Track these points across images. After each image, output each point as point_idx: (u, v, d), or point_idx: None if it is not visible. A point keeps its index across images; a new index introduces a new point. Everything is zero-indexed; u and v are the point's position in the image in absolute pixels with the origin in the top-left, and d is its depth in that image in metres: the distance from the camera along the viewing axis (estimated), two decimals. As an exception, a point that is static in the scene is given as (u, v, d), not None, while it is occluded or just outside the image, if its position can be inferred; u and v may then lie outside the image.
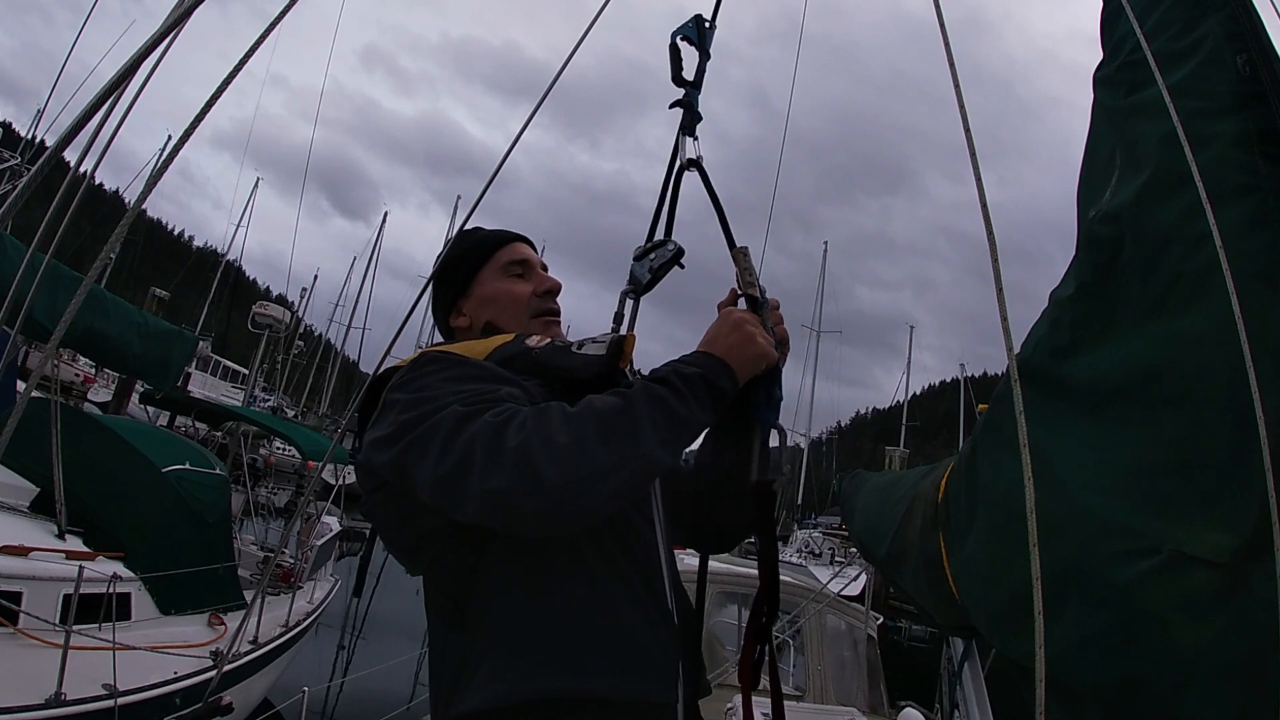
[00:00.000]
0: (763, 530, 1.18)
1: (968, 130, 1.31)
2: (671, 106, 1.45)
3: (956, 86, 1.33)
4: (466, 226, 2.59)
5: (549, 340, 1.20)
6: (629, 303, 1.39)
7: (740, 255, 1.26)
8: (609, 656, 1.00)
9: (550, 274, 1.44)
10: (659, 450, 0.95)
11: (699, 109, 1.45)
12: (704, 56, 1.48)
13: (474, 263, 1.39)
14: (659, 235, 1.42)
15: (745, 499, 1.20)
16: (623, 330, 1.38)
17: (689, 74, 1.47)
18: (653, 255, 1.34)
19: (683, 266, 1.34)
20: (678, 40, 1.48)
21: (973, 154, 1.29)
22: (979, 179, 1.28)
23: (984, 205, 1.27)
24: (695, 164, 1.41)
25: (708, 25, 1.52)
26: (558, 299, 1.41)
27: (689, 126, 1.44)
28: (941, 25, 1.41)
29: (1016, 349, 1.65)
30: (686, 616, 1.14)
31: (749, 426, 1.17)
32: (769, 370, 1.15)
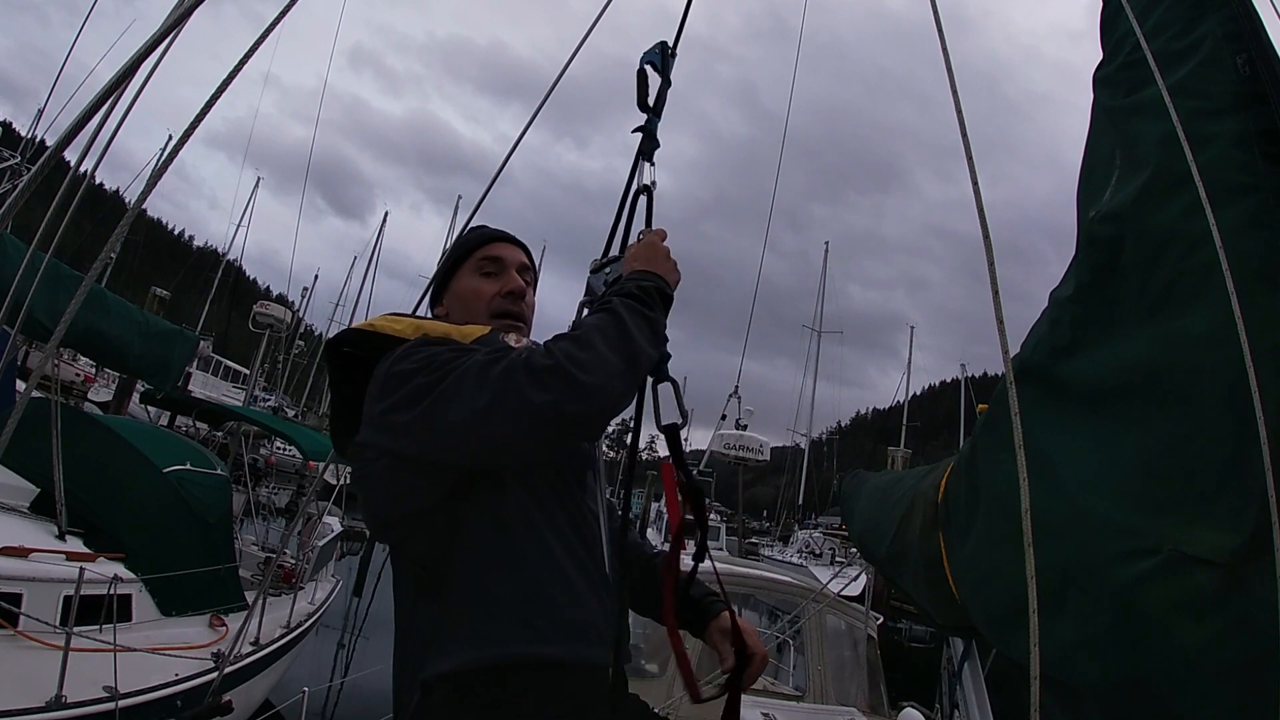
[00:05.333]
0: (679, 464, 1.34)
1: (964, 131, 1.31)
2: (634, 131, 1.53)
3: (954, 88, 1.33)
4: (467, 227, 2.61)
5: (525, 344, 1.29)
6: (585, 313, 1.45)
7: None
8: (563, 625, 1.15)
9: (540, 276, 1.55)
10: (649, 348, 1.16)
11: (658, 136, 1.53)
12: (665, 83, 1.55)
13: (458, 258, 1.49)
14: (614, 251, 1.50)
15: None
16: None
17: (652, 100, 1.53)
18: (608, 270, 1.41)
19: (656, 379, 1.39)
20: (645, 66, 1.55)
21: (968, 154, 1.29)
22: (974, 179, 1.28)
23: (980, 208, 1.27)
24: (647, 189, 1.51)
25: (671, 54, 1.58)
26: (528, 302, 1.47)
27: (648, 152, 1.52)
28: (939, 28, 1.41)
29: (1015, 349, 1.65)
30: (619, 590, 1.28)
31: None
32: None
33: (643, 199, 1.50)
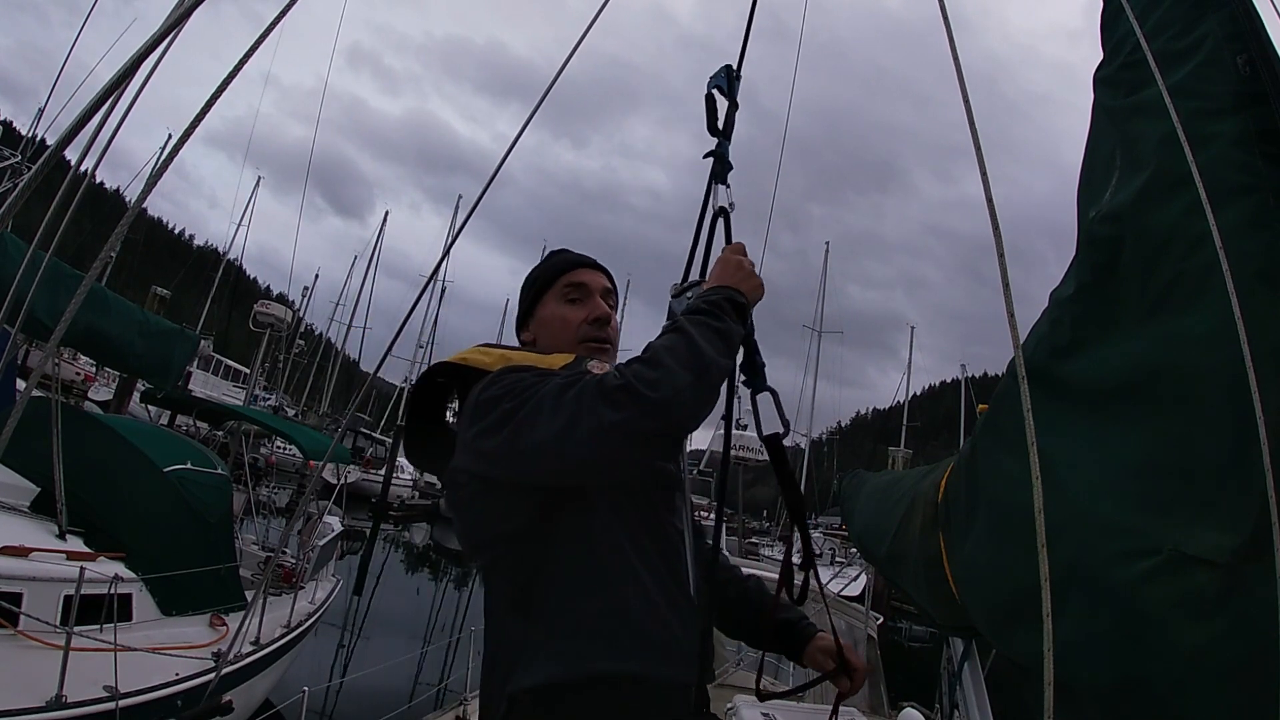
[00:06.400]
0: (783, 477, 1.39)
1: (973, 128, 1.31)
2: (705, 156, 1.53)
3: (962, 86, 1.33)
4: (465, 225, 2.59)
5: (608, 368, 1.31)
6: None
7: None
8: (646, 643, 1.19)
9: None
10: (720, 359, 1.18)
11: (730, 158, 1.53)
12: (733, 106, 1.55)
13: (542, 285, 1.51)
14: (694, 274, 1.51)
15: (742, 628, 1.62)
16: None
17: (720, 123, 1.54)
18: (689, 294, 1.43)
19: (755, 388, 1.39)
20: (712, 91, 1.55)
21: (978, 149, 1.29)
22: (984, 175, 1.28)
23: (990, 204, 1.27)
24: (724, 211, 1.53)
25: (736, 76, 1.58)
26: (612, 326, 1.50)
27: (720, 175, 1.52)
28: (948, 29, 1.41)
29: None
30: (705, 613, 1.32)
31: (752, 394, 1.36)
32: (750, 343, 1.34)
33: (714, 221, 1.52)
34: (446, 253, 4.69)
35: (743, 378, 1.37)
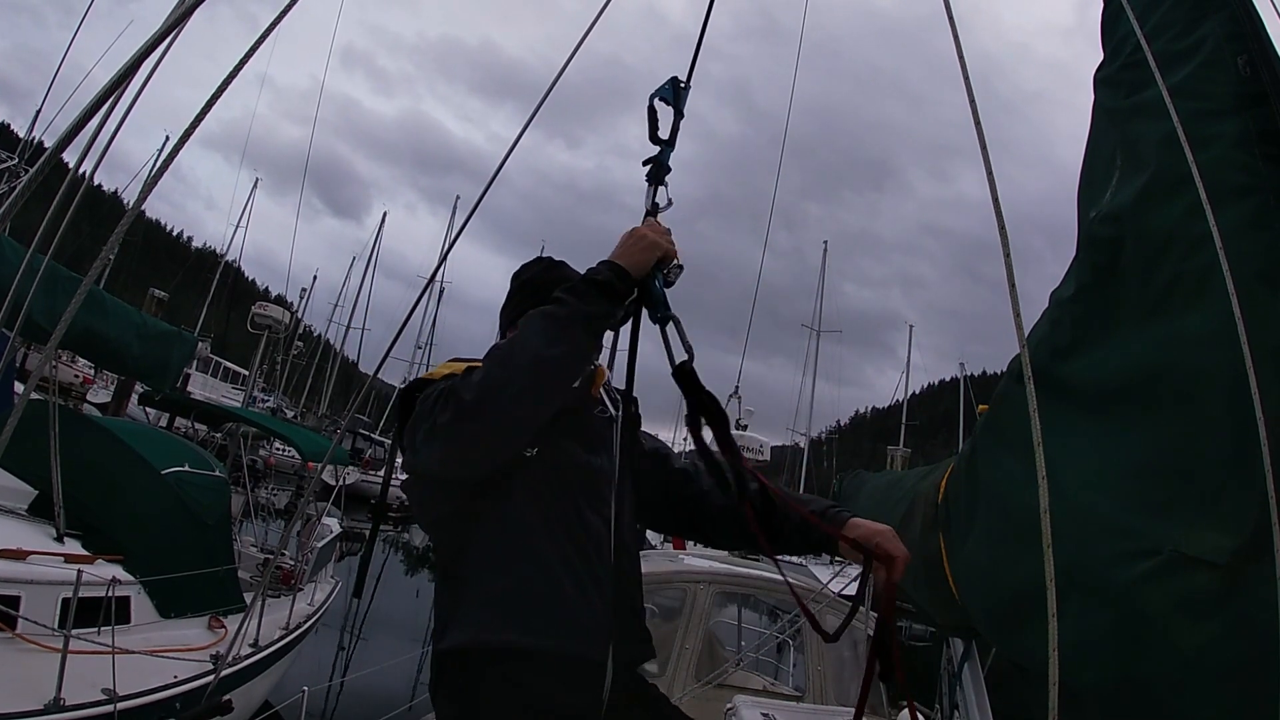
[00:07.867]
0: (704, 405, 1.29)
1: (978, 123, 1.31)
2: (645, 163, 1.55)
3: (967, 81, 1.33)
4: (465, 226, 2.59)
5: None
6: (609, 334, 1.47)
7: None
8: (548, 620, 1.29)
9: None
10: (547, 349, 1.21)
11: (669, 163, 1.55)
12: (678, 116, 1.59)
13: (538, 300, 1.52)
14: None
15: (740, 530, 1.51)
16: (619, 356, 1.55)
17: (665, 133, 1.56)
18: None
19: (655, 321, 1.37)
20: (655, 102, 1.58)
21: (983, 145, 1.29)
22: (990, 173, 1.28)
23: (996, 204, 1.27)
24: (656, 208, 1.53)
25: (683, 86, 1.61)
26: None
27: (658, 178, 1.55)
28: (952, 24, 1.41)
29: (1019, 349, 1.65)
30: (629, 598, 1.41)
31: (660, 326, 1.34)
32: (647, 281, 1.33)
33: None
34: (445, 255, 4.69)
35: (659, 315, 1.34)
